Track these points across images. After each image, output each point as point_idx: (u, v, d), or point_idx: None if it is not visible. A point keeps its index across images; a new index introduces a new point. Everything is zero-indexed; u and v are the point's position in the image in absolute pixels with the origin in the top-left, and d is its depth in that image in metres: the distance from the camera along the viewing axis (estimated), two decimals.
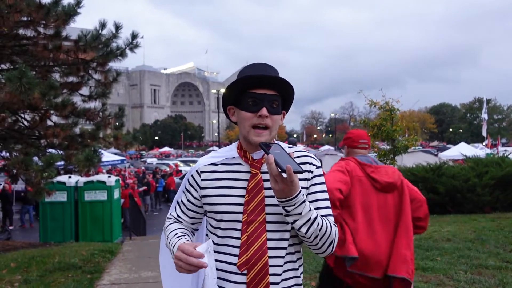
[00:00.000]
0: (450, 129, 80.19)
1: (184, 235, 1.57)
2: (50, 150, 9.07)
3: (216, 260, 1.52)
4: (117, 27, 8.65)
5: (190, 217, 1.68)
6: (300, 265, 1.61)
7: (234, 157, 1.63)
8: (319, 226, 1.45)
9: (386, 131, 8.08)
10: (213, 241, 1.55)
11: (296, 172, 1.33)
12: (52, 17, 7.78)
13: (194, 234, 1.72)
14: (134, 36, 8.66)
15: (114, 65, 9.36)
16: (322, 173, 1.63)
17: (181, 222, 1.69)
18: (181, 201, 1.71)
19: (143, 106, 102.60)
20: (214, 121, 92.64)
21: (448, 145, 47.58)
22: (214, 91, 56.02)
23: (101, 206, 10.31)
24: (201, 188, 1.62)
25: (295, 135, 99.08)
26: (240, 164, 1.60)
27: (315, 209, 1.53)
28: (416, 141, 8.87)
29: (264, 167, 1.56)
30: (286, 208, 1.40)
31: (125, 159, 23.88)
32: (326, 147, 42.47)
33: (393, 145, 8.24)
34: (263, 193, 1.52)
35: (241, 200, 1.53)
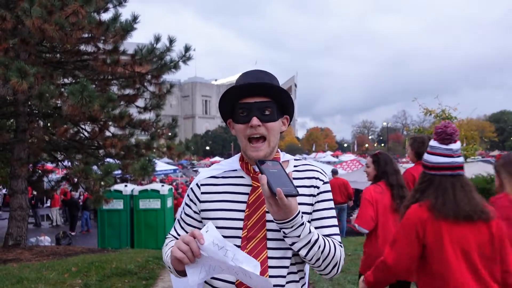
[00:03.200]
0: None
1: None
2: (108, 159, 9.48)
3: (214, 279, 1.45)
4: (171, 41, 8.96)
5: None
6: (303, 285, 1.52)
7: (236, 170, 1.55)
8: (321, 249, 1.36)
9: None
10: None
11: (289, 196, 1.24)
12: (111, 33, 8.18)
13: None
14: (187, 48, 8.93)
15: (167, 77, 9.72)
16: (329, 189, 1.54)
17: None
18: (181, 217, 1.61)
19: (195, 116, 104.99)
20: None
21: None
22: None
23: (155, 214, 10.60)
24: (200, 202, 1.53)
25: (345, 145, 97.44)
26: (241, 177, 1.52)
27: (320, 227, 1.46)
28: (476, 151, 8.45)
29: None
30: (283, 230, 1.32)
31: (177, 169, 24.47)
32: None
33: None
34: (264, 208, 1.43)
35: (241, 215, 1.44)
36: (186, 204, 1.59)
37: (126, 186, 10.62)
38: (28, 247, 8.80)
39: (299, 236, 1.32)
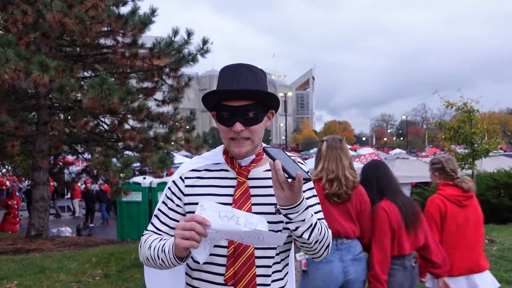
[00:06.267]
0: None
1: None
2: (126, 152, 9.58)
3: (202, 271, 1.47)
4: (189, 34, 8.96)
5: (171, 228, 1.51)
6: (286, 274, 1.55)
7: (219, 163, 1.54)
8: (319, 231, 1.40)
9: (465, 134, 7.59)
10: None
11: (305, 180, 1.26)
12: (129, 27, 8.23)
13: None
14: (204, 41, 8.92)
15: (185, 70, 9.72)
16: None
17: (160, 235, 1.52)
18: (161, 211, 1.56)
19: None
20: (282, 124, 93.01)
21: None
22: (281, 94, 56.30)
23: None
24: (184, 195, 1.52)
25: (364, 138, 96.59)
26: (226, 170, 1.52)
27: None
28: (498, 144, 8.24)
29: (252, 174, 1.50)
30: (289, 215, 1.32)
31: None
32: (398, 150, 40.72)
33: (472, 148, 7.72)
34: (250, 202, 1.45)
35: None
36: (168, 198, 1.56)
37: (144, 178, 10.72)
38: (49, 238, 8.99)
39: (303, 220, 1.34)
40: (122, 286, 5.40)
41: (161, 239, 1.46)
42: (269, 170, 1.49)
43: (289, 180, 1.26)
